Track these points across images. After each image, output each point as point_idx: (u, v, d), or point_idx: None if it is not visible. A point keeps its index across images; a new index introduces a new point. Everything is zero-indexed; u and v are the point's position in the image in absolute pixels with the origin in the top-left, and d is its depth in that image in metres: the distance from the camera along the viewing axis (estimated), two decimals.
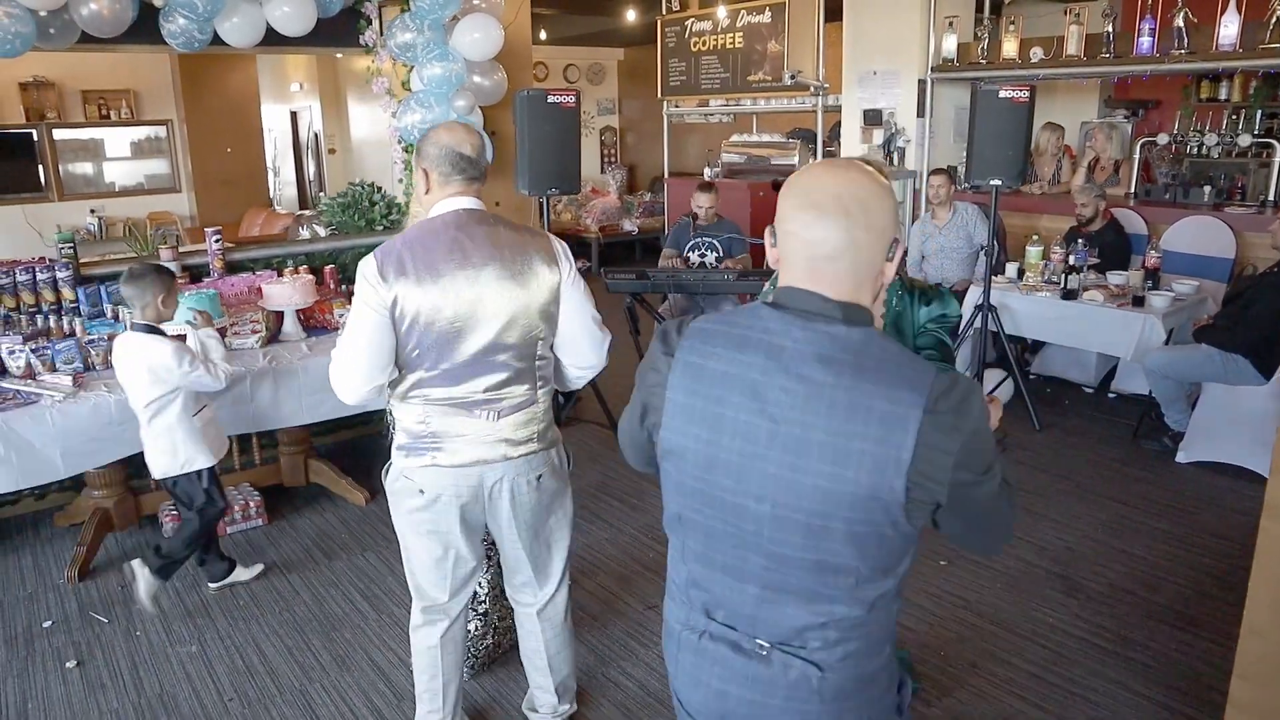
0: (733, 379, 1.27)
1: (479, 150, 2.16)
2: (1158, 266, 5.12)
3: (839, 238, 1.23)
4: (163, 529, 4.01)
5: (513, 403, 2.24)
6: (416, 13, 4.34)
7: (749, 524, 1.30)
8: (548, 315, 2.22)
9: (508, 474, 2.28)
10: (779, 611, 1.33)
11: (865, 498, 1.21)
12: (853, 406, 1.20)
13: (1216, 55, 5.26)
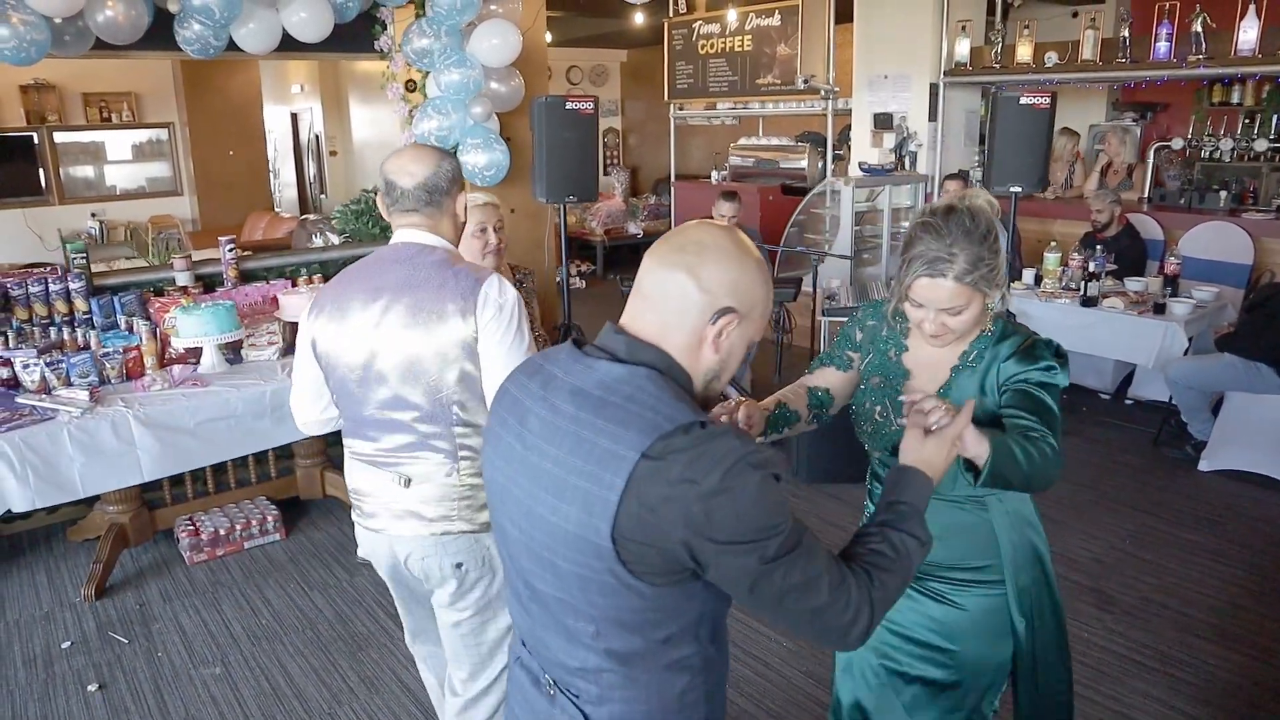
0: (514, 404, 1.28)
1: (423, 177, 1.91)
2: (1177, 273, 5.09)
3: (661, 278, 1.20)
4: (179, 543, 3.94)
5: (423, 471, 1.95)
6: (434, 18, 4.27)
7: (509, 547, 1.30)
8: (462, 375, 1.89)
9: (418, 551, 1.99)
10: (549, 647, 1.28)
11: (577, 536, 1.14)
12: (579, 440, 1.15)
13: (1235, 60, 5.23)
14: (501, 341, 1.88)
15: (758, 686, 3.04)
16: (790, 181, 8.37)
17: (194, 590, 3.69)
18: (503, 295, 1.89)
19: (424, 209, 1.93)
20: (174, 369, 3.68)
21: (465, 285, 1.87)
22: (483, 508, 1.94)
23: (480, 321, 1.86)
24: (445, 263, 1.91)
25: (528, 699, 1.35)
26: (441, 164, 1.95)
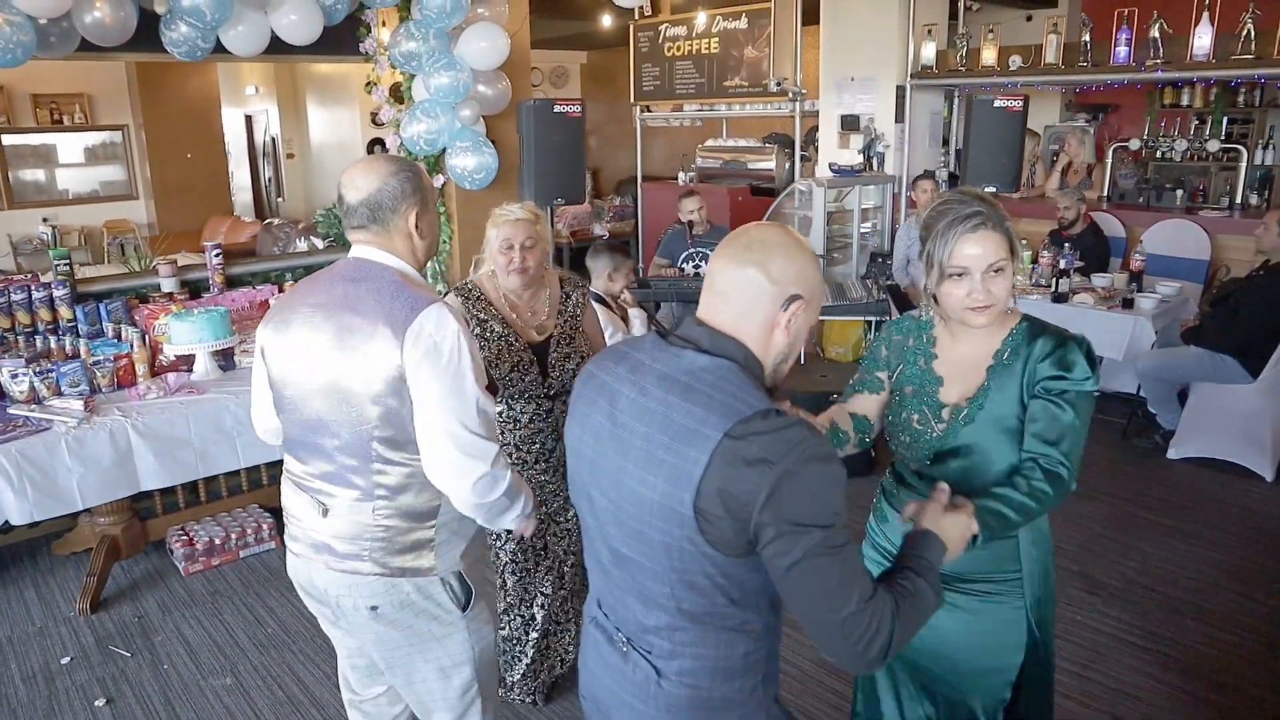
0: (604, 387, 1.40)
1: (367, 193, 1.79)
2: (1142, 269, 5.29)
3: (734, 275, 1.33)
4: (173, 554, 3.88)
5: (343, 504, 1.81)
6: (422, 21, 4.27)
7: (597, 516, 1.42)
8: (386, 411, 1.73)
9: (333, 587, 1.86)
10: (627, 608, 1.41)
11: (662, 505, 1.27)
12: (668, 420, 1.28)
13: (1191, 65, 5.44)
14: (431, 382, 1.70)
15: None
16: (758, 182, 8.46)
17: (193, 601, 3.64)
18: (440, 330, 1.71)
19: (370, 226, 1.81)
20: (168, 377, 3.63)
21: (400, 313, 1.71)
22: (399, 552, 1.81)
23: (408, 356, 1.69)
24: (390, 284, 1.77)
25: (603, 655, 1.48)
26: (389, 180, 1.80)
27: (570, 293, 2.69)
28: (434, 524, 1.84)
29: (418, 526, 1.82)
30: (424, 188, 1.85)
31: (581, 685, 1.58)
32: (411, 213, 1.82)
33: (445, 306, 1.76)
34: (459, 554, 1.92)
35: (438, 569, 1.86)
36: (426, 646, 1.91)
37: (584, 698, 1.57)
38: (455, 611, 1.90)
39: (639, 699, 1.40)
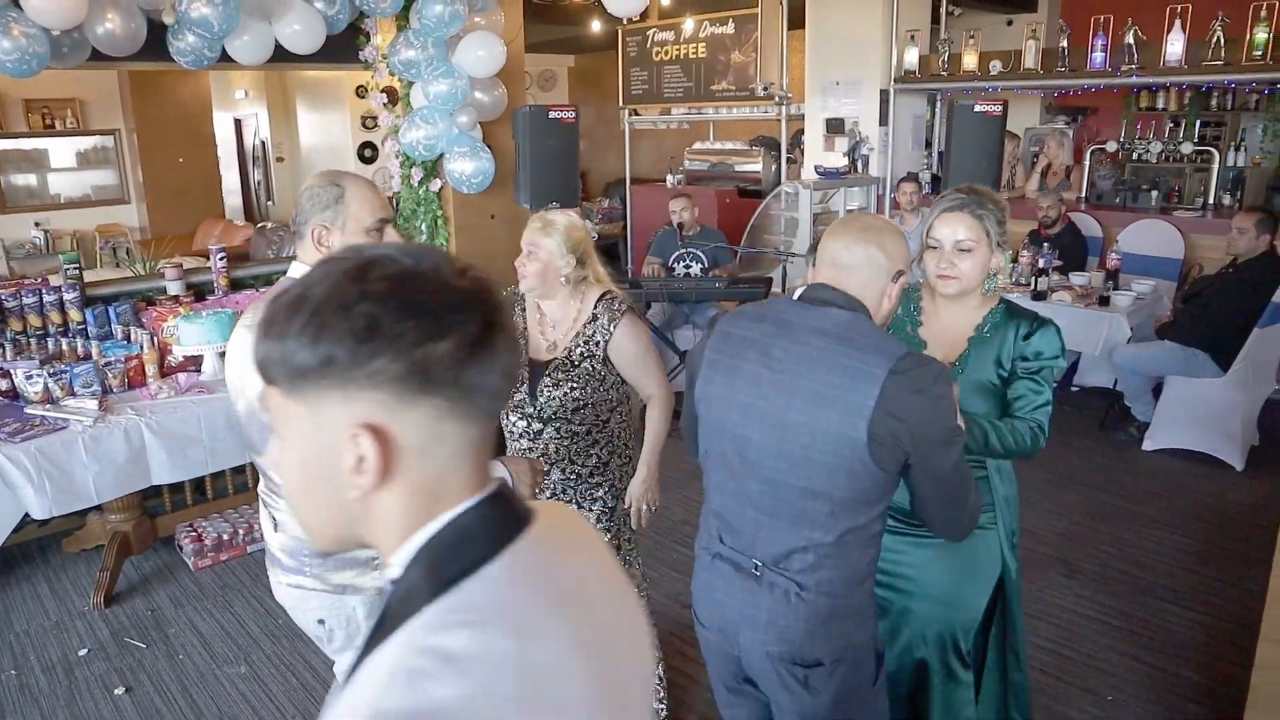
0: (749, 341, 1.66)
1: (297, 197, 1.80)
2: (1118, 268, 5.46)
3: (859, 252, 1.63)
4: (182, 550, 3.99)
5: (287, 518, 1.86)
6: (421, 30, 4.39)
7: (752, 453, 1.65)
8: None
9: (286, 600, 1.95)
10: (771, 534, 1.66)
11: (836, 434, 1.55)
12: (833, 365, 1.57)
13: (1165, 70, 5.63)
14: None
15: None
16: (745, 184, 8.61)
17: (204, 594, 3.75)
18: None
19: (296, 239, 1.84)
20: (179, 377, 3.74)
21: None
22: (340, 569, 1.81)
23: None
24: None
25: (731, 584, 1.71)
26: (307, 190, 1.79)
27: (600, 315, 2.45)
28: None
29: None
30: (343, 206, 1.77)
31: (701, 613, 1.79)
32: (318, 228, 1.77)
33: None
34: None
35: (382, 587, 1.80)
36: None
37: (704, 624, 1.79)
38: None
39: (778, 614, 1.65)
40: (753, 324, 1.68)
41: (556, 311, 2.49)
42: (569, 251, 2.41)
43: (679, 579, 3.82)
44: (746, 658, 1.72)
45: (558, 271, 2.42)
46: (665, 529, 4.25)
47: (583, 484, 2.55)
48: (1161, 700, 2.99)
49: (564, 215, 2.48)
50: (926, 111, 7.71)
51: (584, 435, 2.51)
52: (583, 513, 2.56)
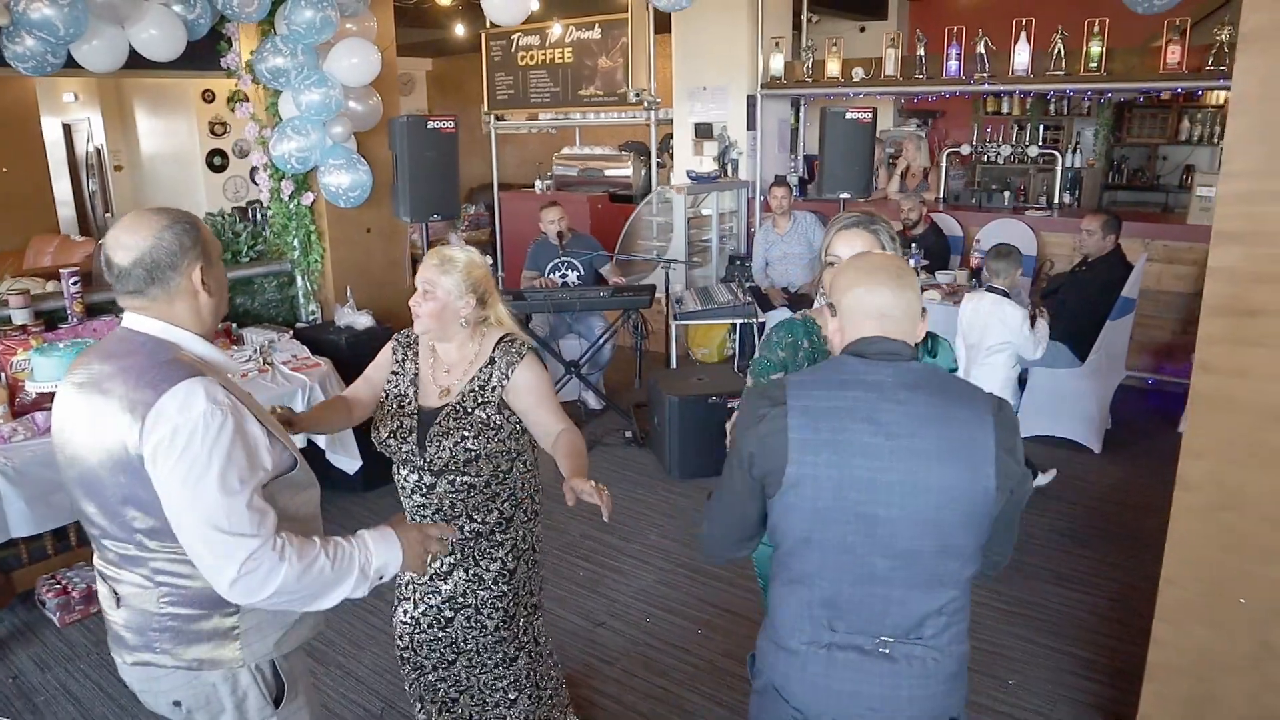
0: (844, 411, 1.56)
1: (139, 252, 1.56)
2: (980, 266, 5.77)
3: (902, 302, 1.61)
4: (44, 606, 3.63)
5: (129, 591, 1.65)
6: (290, 36, 4.15)
7: (882, 529, 1.56)
8: (138, 503, 1.55)
9: (134, 682, 1.73)
10: (902, 607, 1.59)
11: (968, 488, 1.53)
12: (945, 418, 1.54)
13: (1013, 79, 6.00)
14: (173, 471, 1.49)
15: (685, 673, 3.24)
16: (615, 190, 8.62)
17: (75, 653, 3.42)
18: (183, 413, 1.50)
19: (148, 290, 1.59)
20: (35, 416, 3.40)
21: (144, 394, 1.52)
22: (194, 642, 1.65)
23: (147, 441, 1.49)
24: (154, 357, 1.57)
25: (862, 671, 1.61)
26: (164, 233, 1.58)
27: (497, 360, 2.30)
28: (235, 610, 1.64)
29: (213, 613, 1.63)
30: (205, 239, 1.64)
31: (815, 710, 1.64)
32: (195, 269, 1.61)
33: (200, 383, 1.53)
34: (274, 642, 1.72)
35: (245, 659, 1.68)
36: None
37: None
38: (268, 708, 1.73)
39: (919, 686, 1.60)
40: (836, 392, 1.57)
41: (452, 355, 2.34)
42: (469, 291, 2.26)
43: (587, 595, 3.77)
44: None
45: (456, 313, 2.26)
46: (566, 545, 4.19)
47: (483, 541, 2.38)
48: (1061, 680, 3.16)
49: (464, 252, 2.32)
50: (791, 116, 7.93)
51: (483, 488, 2.34)
52: (478, 572, 2.39)
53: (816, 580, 1.62)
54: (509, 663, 2.52)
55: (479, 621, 2.45)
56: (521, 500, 2.43)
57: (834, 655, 1.62)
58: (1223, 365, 2.21)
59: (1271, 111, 2.05)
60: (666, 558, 4.06)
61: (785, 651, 1.67)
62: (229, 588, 1.51)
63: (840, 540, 1.57)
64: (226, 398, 1.56)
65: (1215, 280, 2.20)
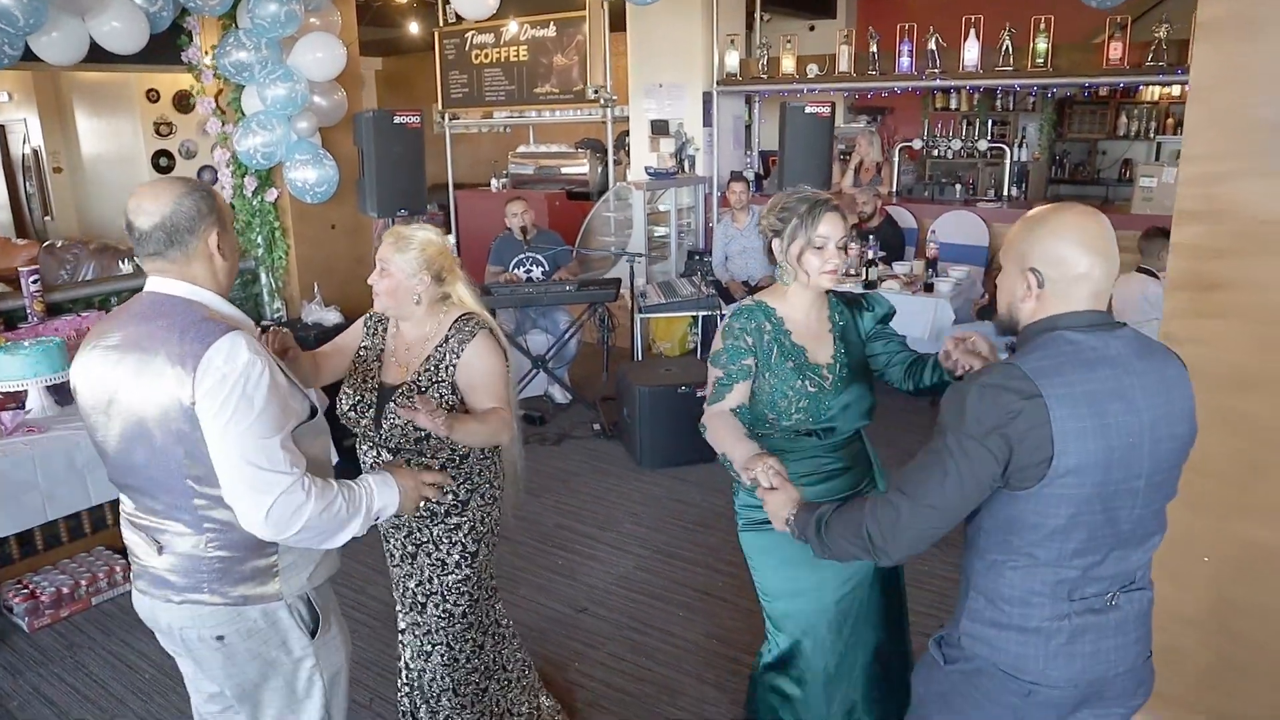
0: (1101, 393, 1.52)
1: (160, 216, 1.70)
2: (936, 256, 5.93)
3: (1113, 269, 1.59)
4: (11, 611, 3.55)
5: (174, 539, 1.78)
6: (254, 30, 4.11)
7: (1137, 500, 1.57)
8: (189, 449, 1.68)
9: (177, 620, 1.84)
10: (1129, 562, 1.63)
11: (1188, 439, 1.61)
12: (1165, 380, 1.58)
13: (963, 75, 6.17)
14: (219, 415, 1.64)
15: (669, 654, 3.30)
16: (572, 187, 8.65)
17: (48, 657, 3.36)
18: (230, 361, 1.64)
19: (168, 252, 1.71)
20: (2, 416, 3.33)
21: (192, 346, 1.65)
22: (239, 581, 1.79)
23: (199, 389, 1.63)
24: (188, 316, 1.70)
25: (1097, 630, 1.62)
26: (184, 200, 1.72)
27: (450, 338, 2.33)
28: (274, 551, 1.80)
29: (256, 554, 1.78)
30: (220, 207, 1.78)
31: (1069, 678, 1.62)
32: (211, 233, 1.75)
33: (240, 336, 1.68)
34: (306, 576, 1.87)
35: (284, 594, 1.83)
36: (275, 674, 1.88)
37: (1058, 686, 1.62)
38: (304, 638, 1.88)
39: (1140, 627, 1.66)
40: (1087, 374, 1.53)
41: (412, 333, 2.38)
42: (422, 269, 2.29)
43: (566, 582, 3.81)
44: (1110, 687, 1.66)
45: (410, 290, 2.30)
46: (541, 535, 4.22)
47: (439, 523, 2.41)
48: None
49: (422, 230, 2.33)
50: (746, 113, 8.04)
51: (438, 470, 2.33)
52: (440, 556, 2.43)
53: (1069, 561, 1.59)
54: (478, 651, 2.56)
55: (448, 608, 2.47)
56: (479, 485, 2.43)
57: (1074, 623, 1.61)
58: (1185, 336, 2.33)
59: (1225, 99, 2.18)
60: (643, 544, 4.11)
61: (1018, 631, 1.63)
62: (263, 521, 1.66)
63: (1103, 518, 1.55)
64: (262, 349, 1.71)
65: (1177, 256, 2.32)
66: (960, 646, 1.68)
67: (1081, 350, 1.53)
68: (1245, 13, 2.09)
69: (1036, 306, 1.58)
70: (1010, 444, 1.49)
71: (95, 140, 9.69)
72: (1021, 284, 1.58)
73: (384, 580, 3.81)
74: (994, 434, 1.49)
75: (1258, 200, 2.16)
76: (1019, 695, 1.65)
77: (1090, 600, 1.61)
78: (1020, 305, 1.60)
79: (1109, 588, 1.62)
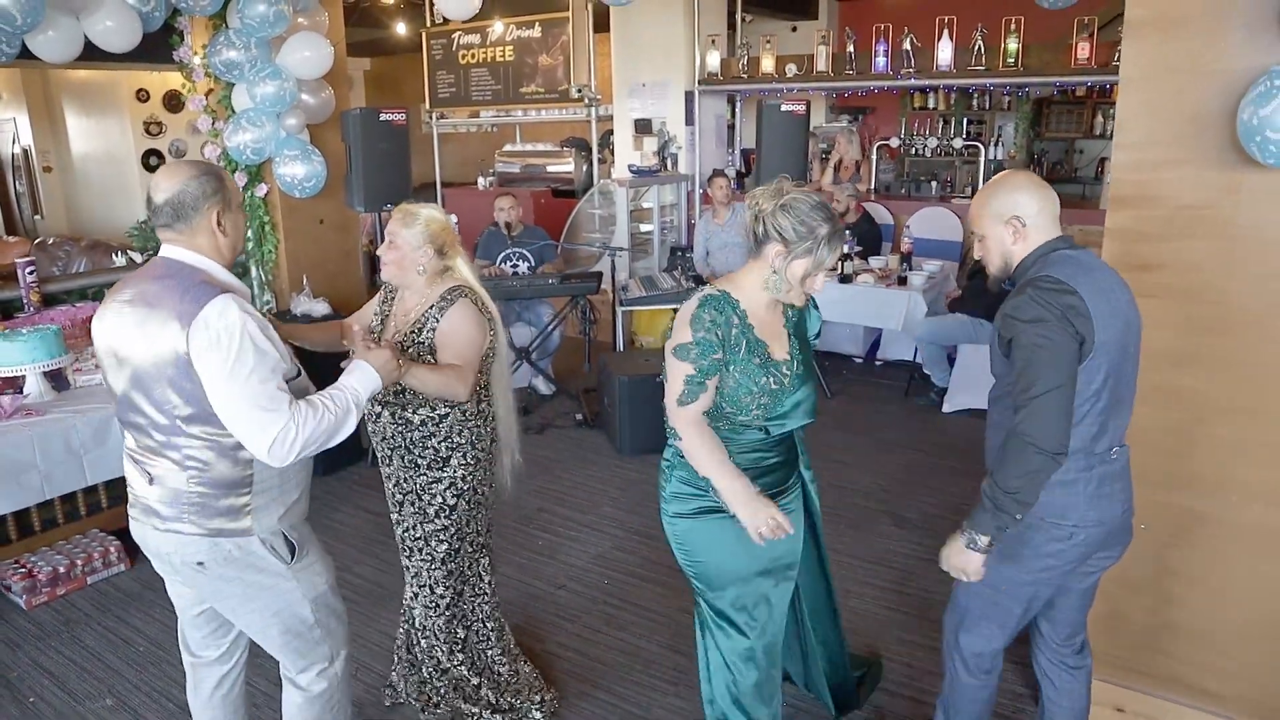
0: (1105, 289, 1.99)
1: (171, 193, 1.95)
2: (911, 251, 6.09)
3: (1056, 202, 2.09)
4: (9, 590, 3.67)
5: (163, 472, 2.02)
6: (244, 30, 4.24)
7: (1130, 366, 2.06)
8: (181, 392, 1.92)
9: (164, 545, 2.08)
10: (1122, 420, 2.10)
11: (1139, 319, 2.07)
12: (1117, 279, 2.07)
13: (938, 74, 6.34)
14: (219, 368, 1.87)
15: (644, 627, 3.44)
16: (558, 185, 8.79)
17: (45, 633, 3.48)
18: (222, 319, 1.87)
19: (175, 224, 1.97)
20: (2, 399, 3.45)
21: (189, 306, 1.88)
22: (215, 515, 2.02)
23: (193, 344, 1.86)
24: (190, 280, 1.94)
25: (1111, 478, 2.10)
26: (191, 181, 1.96)
27: (435, 305, 2.52)
28: (247, 491, 2.04)
29: (230, 493, 2.02)
30: (227, 189, 2.02)
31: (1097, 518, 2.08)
32: (214, 211, 1.99)
33: (231, 299, 1.91)
34: (277, 518, 2.11)
35: (255, 530, 2.07)
36: (256, 595, 2.13)
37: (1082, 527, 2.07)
38: (280, 565, 2.12)
39: (1126, 479, 2.15)
40: (1094, 275, 2.00)
41: (411, 300, 2.59)
42: (426, 242, 2.51)
43: (546, 561, 3.95)
44: (1118, 526, 2.13)
45: (415, 261, 2.52)
46: (524, 517, 4.36)
47: (421, 476, 2.60)
48: None
49: (426, 208, 2.56)
50: (727, 111, 8.19)
51: (419, 425, 2.55)
52: (422, 505, 2.63)
53: (1096, 419, 2.02)
54: (457, 598, 2.75)
55: (430, 553, 2.68)
56: (458, 444, 2.59)
57: (1096, 472, 2.06)
58: None
59: (1152, 91, 2.34)
60: (621, 526, 4.25)
61: (1060, 486, 2.03)
62: (267, 451, 1.91)
63: (1114, 381, 2.01)
64: (252, 309, 1.95)
65: (1112, 240, 2.48)
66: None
67: (1080, 260, 2.01)
68: (1167, 14, 2.25)
69: (1025, 244, 2.05)
70: (1075, 327, 1.91)
71: (85, 139, 9.75)
72: (1008, 232, 2.05)
73: (369, 560, 3.98)
74: (1063, 319, 1.90)
75: (1183, 186, 2.32)
76: (1063, 540, 2.08)
77: (1101, 454, 2.06)
78: (1012, 249, 2.06)
79: (1111, 443, 2.06)
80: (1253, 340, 2.33)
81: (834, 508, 4.37)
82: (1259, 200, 2.23)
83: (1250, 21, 2.14)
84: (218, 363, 1.87)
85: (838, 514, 4.31)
